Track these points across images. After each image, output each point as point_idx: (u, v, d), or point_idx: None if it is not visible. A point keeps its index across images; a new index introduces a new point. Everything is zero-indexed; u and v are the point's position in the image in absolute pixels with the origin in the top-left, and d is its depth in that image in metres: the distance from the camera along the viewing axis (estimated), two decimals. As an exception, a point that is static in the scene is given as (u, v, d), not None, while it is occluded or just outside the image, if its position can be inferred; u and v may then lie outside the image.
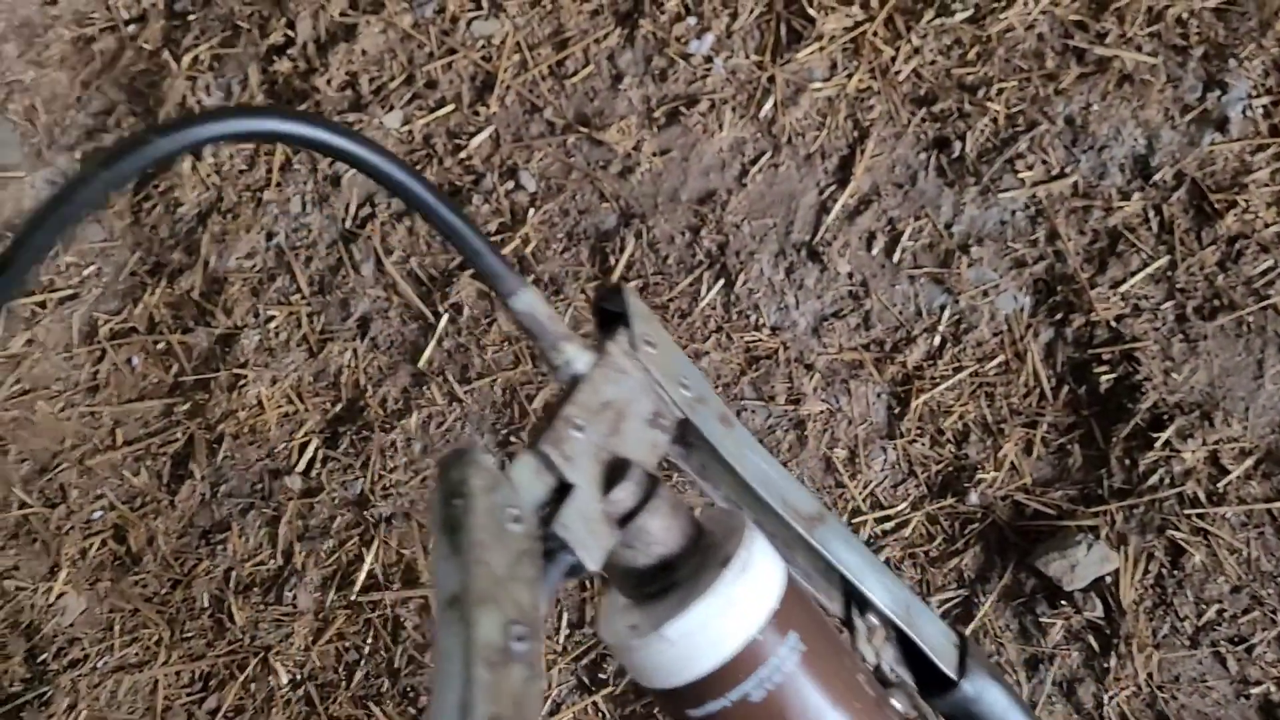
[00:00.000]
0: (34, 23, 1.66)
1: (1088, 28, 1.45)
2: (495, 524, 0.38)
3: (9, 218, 1.58)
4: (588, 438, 0.45)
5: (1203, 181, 1.36)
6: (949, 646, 0.54)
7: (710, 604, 0.43)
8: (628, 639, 0.44)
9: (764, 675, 0.43)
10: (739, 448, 0.51)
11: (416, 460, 1.38)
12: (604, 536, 0.44)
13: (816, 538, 0.51)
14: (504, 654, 0.36)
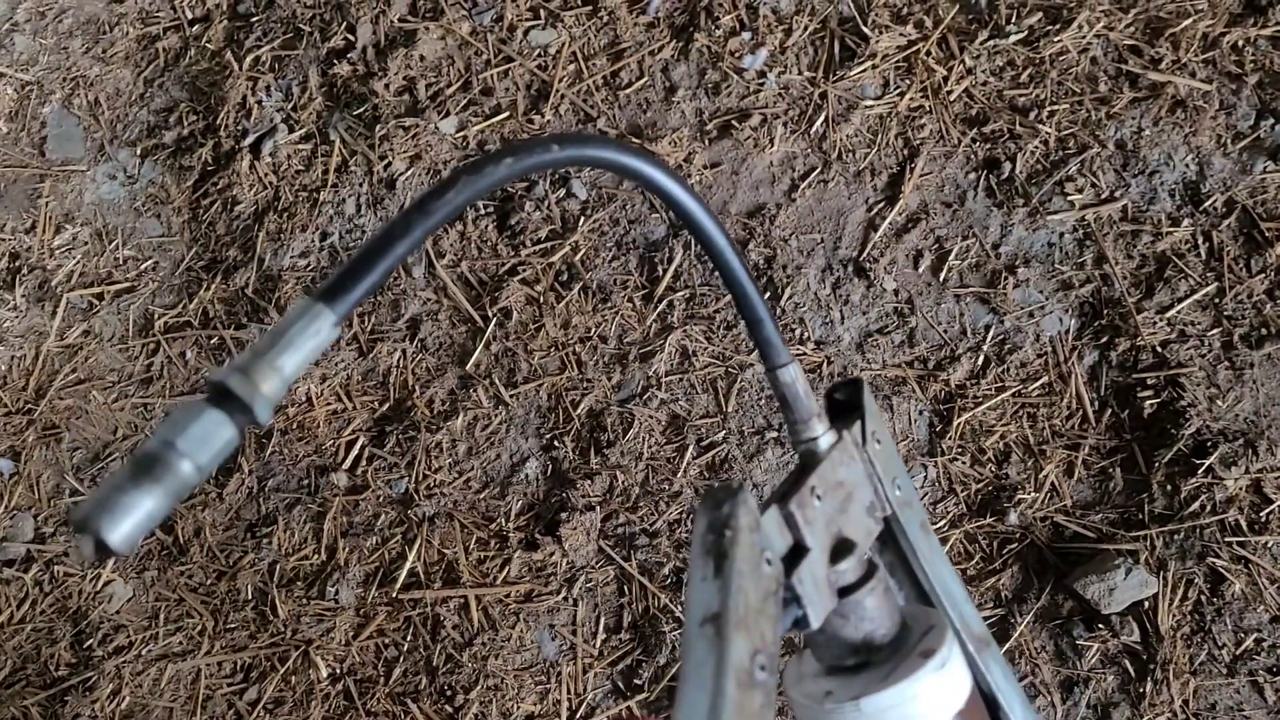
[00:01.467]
0: (100, 20, 1.70)
1: (1142, 52, 1.46)
2: (754, 561, 0.42)
3: (69, 209, 1.62)
4: (824, 509, 0.49)
5: (1253, 209, 1.36)
6: None
7: (909, 688, 0.46)
8: (822, 703, 0.47)
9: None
10: (932, 556, 0.55)
11: (461, 461, 1.40)
12: (827, 600, 0.47)
13: (981, 659, 0.54)
14: (750, 677, 0.38)
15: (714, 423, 1.37)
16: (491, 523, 1.37)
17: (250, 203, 1.57)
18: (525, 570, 1.34)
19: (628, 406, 1.39)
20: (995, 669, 0.55)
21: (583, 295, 1.44)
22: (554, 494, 1.37)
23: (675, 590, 1.31)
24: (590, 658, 1.31)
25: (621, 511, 1.35)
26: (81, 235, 1.60)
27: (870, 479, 0.52)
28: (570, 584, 1.33)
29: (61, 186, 1.63)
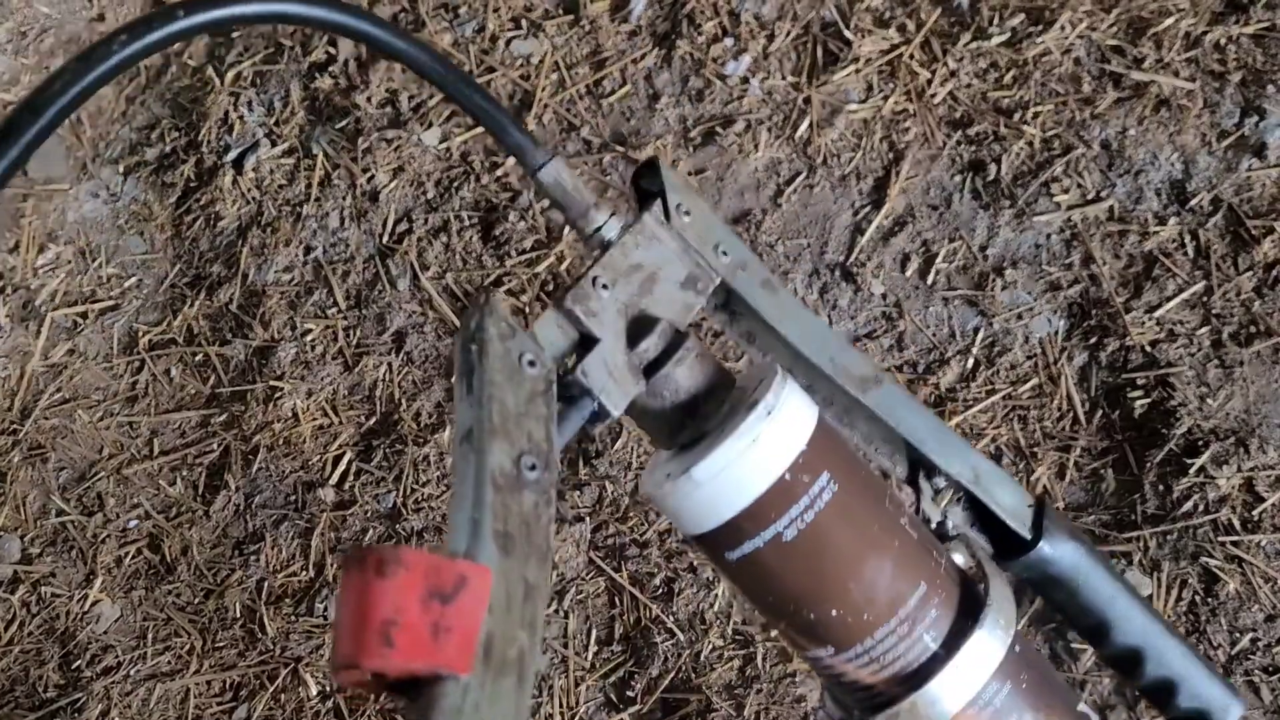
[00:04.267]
0: (82, 38, 1.70)
1: (1125, 52, 1.45)
2: (509, 367, 0.40)
3: (53, 228, 1.61)
4: (615, 296, 0.47)
5: (1239, 207, 1.36)
6: (1023, 509, 0.53)
7: (735, 445, 0.43)
8: (662, 485, 0.45)
9: (795, 514, 0.43)
10: (781, 310, 0.52)
11: (449, 475, 1.39)
12: (629, 385, 0.45)
13: (870, 400, 0.51)
14: (515, 480, 0.38)
15: (703, 431, 1.36)
16: (480, 536, 1.36)
17: (233, 218, 1.56)
18: (515, 583, 1.33)
19: (616, 416, 1.38)
20: (892, 406, 0.52)
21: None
22: (543, 505, 1.36)
23: (667, 601, 1.30)
24: (582, 670, 1.30)
25: (611, 522, 1.34)
26: (65, 254, 1.59)
27: (685, 253, 0.50)
28: (561, 596, 1.32)
29: (44, 206, 1.62)
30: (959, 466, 0.52)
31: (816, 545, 0.44)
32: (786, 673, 1.26)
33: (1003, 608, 0.45)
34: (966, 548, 0.50)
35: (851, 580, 0.44)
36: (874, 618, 0.44)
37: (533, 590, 0.36)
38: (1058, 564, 0.52)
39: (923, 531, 0.47)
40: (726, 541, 0.45)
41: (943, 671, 0.44)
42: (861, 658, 0.45)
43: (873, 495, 0.46)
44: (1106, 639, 0.53)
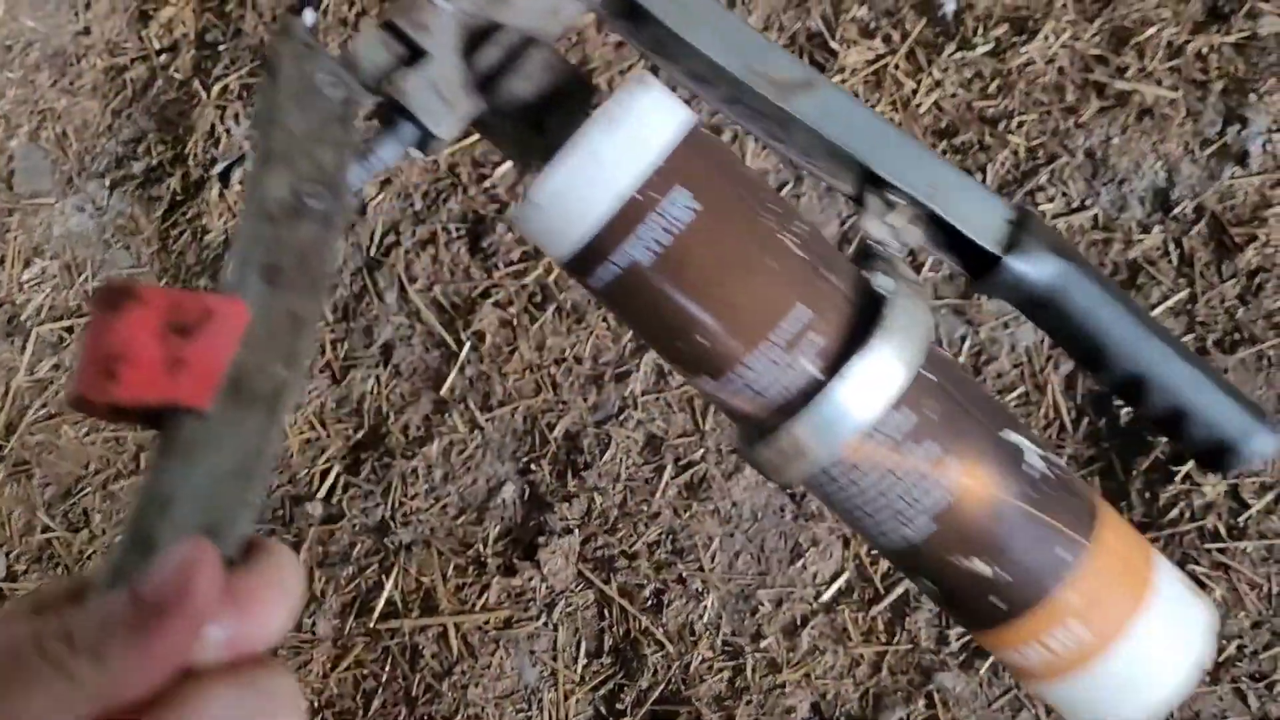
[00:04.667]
0: (67, 52, 1.69)
1: (1108, 62, 1.46)
2: (301, 89, 0.38)
3: (38, 243, 1.60)
4: (456, 6, 0.42)
5: (1223, 215, 1.37)
6: (997, 222, 0.46)
7: (572, 161, 0.39)
8: (513, 210, 0.43)
9: (648, 237, 0.39)
10: (692, 15, 0.46)
11: (437, 487, 1.39)
12: (462, 104, 0.41)
13: (797, 107, 0.45)
14: (293, 210, 0.36)
15: (691, 441, 1.36)
16: (469, 549, 1.36)
17: (220, 231, 1.56)
18: (504, 596, 1.33)
19: (604, 428, 1.38)
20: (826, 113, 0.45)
21: (557, 316, 1.44)
22: (532, 518, 1.36)
23: (656, 613, 1.30)
24: (572, 683, 1.30)
25: (600, 534, 1.34)
26: (50, 269, 1.58)
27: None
28: (550, 609, 1.32)
29: (30, 220, 1.62)
30: (913, 177, 0.45)
31: (676, 269, 0.40)
32: (776, 684, 1.26)
33: (906, 330, 0.39)
34: (893, 269, 0.43)
35: (717, 305, 0.40)
36: (743, 343, 0.40)
37: (299, 323, 0.34)
38: (1034, 282, 0.45)
39: (814, 250, 0.42)
40: (586, 268, 0.41)
41: (824, 399, 0.39)
42: (737, 385, 0.41)
43: (744, 211, 0.41)
44: (1104, 367, 0.46)
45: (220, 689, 0.28)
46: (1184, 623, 0.43)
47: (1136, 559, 0.43)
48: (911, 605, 1.28)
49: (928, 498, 0.40)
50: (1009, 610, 0.42)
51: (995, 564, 0.41)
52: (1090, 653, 0.41)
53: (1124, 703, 0.42)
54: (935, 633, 1.26)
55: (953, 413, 0.41)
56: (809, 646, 1.27)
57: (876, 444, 0.40)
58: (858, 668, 1.26)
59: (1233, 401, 0.46)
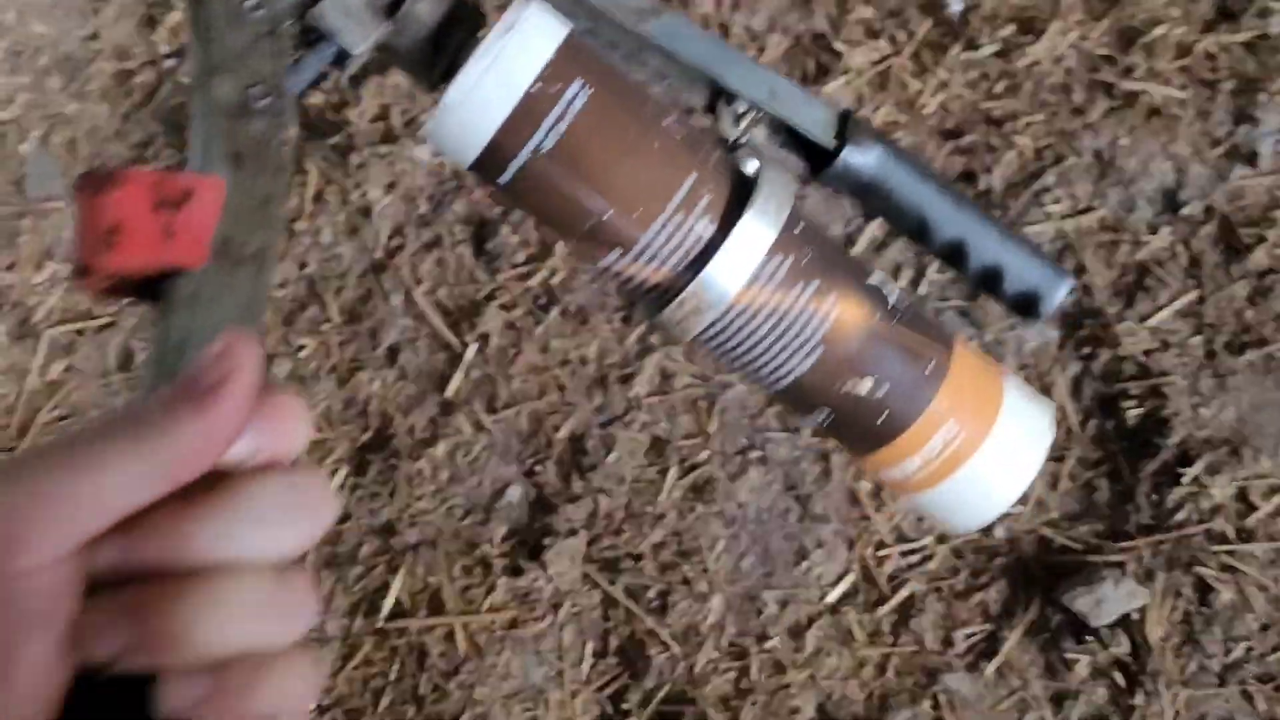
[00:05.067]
0: (76, 57, 1.71)
1: (1116, 62, 1.45)
2: (229, 12, 0.42)
3: (49, 246, 1.62)
4: None
5: (1232, 216, 1.36)
6: (827, 121, 0.53)
7: (477, 66, 0.44)
8: (426, 125, 0.46)
9: (550, 124, 0.44)
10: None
11: (443, 489, 1.40)
12: (369, 25, 0.46)
13: (648, 29, 0.51)
14: (243, 109, 0.40)
15: (696, 443, 1.37)
16: (475, 550, 1.37)
17: (228, 235, 1.57)
18: (510, 597, 1.33)
19: (609, 429, 1.38)
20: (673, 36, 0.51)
21: (562, 319, 1.44)
22: (537, 519, 1.36)
23: (661, 614, 1.30)
24: (577, 684, 1.30)
25: (605, 535, 1.34)
26: (61, 272, 1.59)
27: None
28: (555, 609, 1.32)
29: (41, 223, 1.63)
30: (754, 88, 0.52)
31: (577, 150, 0.44)
32: (782, 685, 1.26)
33: (775, 192, 0.46)
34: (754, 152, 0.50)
35: (618, 180, 0.45)
36: (647, 213, 0.45)
37: (270, 198, 0.39)
38: (865, 169, 0.52)
39: (692, 130, 0.48)
40: (494, 166, 0.45)
41: (719, 253, 0.45)
42: (644, 255, 0.46)
43: (630, 98, 0.46)
44: (929, 237, 0.54)
45: (266, 478, 0.31)
46: (1035, 415, 0.51)
47: (990, 369, 0.51)
48: (917, 607, 1.28)
49: (812, 328, 0.47)
50: (894, 426, 0.49)
51: (877, 381, 0.48)
52: (965, 452, 0.49)
53: (995, 492, 0.50)
54: (941, 634, 1.26)
55: (823, 257, 0.48)
56: (814, 648, 1.27)
57: (763, 286, 0.46)
58: (863, 669, 1.26)
59: (1038, 258, 0.54)
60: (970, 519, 0.51)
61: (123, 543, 0.29)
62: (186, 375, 0.30)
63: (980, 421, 0.49)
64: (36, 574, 0.27)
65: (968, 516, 0.51)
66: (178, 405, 0.30)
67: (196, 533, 0.29)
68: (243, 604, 0.29)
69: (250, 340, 0.31)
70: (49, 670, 0.28)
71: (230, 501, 0.30)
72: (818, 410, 0.49)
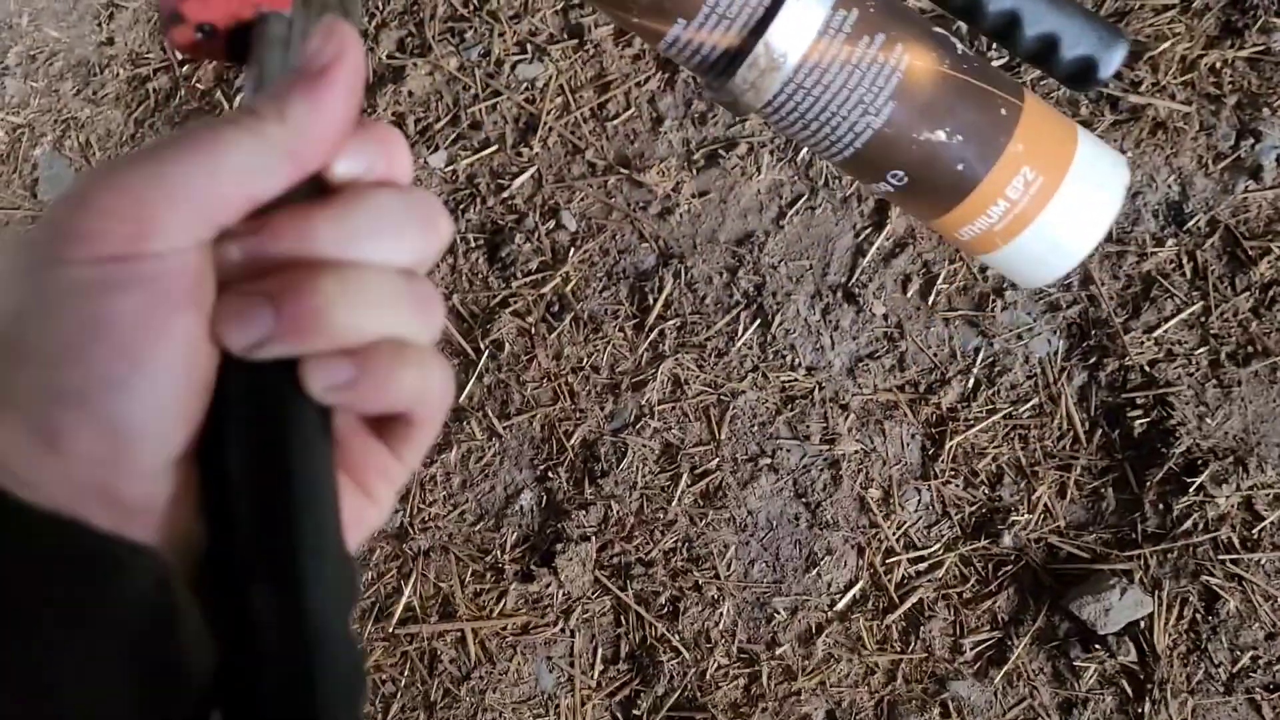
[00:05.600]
0: (91, 62, 1.72)
1: (1121, 76, 1.47)
2: None
3: (62, 251, 1.62)
4: None
5: (1236, 228, 1.38)
6: None
7: None
8: None
9: None
10: None
11: (455, 494, 1.41)
12: None
13: None
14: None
15: (707, 450, 1.38)
16: (487, 555, 1.37)
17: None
18: (521, 602, 1.34)
19: (621, 436, 1.39)
20: None
21: (574, 326, 1.45)
22: (549, 525, 1.37)
23: (672, 619, 1.31)
24: (588, 690, 1.31)
25: (617, 541, 1.35)
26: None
27: None
28: (567, 615, 1.33)
29: (53, 228, 1.63)
30: None
31: None
32: (791, 691, 1.27)
33: None
34: None
35: None
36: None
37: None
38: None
39: None
40: None
41: (784, 7, 0.45)
42: (711, 19, 0.46)
43: None
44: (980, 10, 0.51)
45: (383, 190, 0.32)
46: (1109, 159, 0.50)
47: (1061, 117, 0.50)
48: (926, 614, 1.29)
49: (884, 79, 0.46)
50: (974, 174, 0.48)
51: (952, 130, 0.47)
52: (1045, 195, 0.48)
53: (1077, 235, 0.49)
54: (950, 641, 1.27)
55: (888, 8, 0.47)
56: (824, 654, 1.28)
57: (833, 40, 0.45)
58: (872, 676, 1.27)
59: (1094, 22, 0.52)
60: (1055, 266, 0.51)
61: (252, 240, 0.29)
62: (299, 66, 0.31)
63: (1057, 165, 0.48)
64: (172, 257, 0.28)
65: (1053, 265, 0.50)
66: (292, 91, 0.30)
67: (322, 232, 0.30)
68: (377, 292, 0.30)
69: (351, 27, 0.32)
70: (198, 350, 0.28)
71: (352, 206, 0.31)
72: (892, 172, 0.48)
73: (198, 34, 0.34)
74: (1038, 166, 0.48)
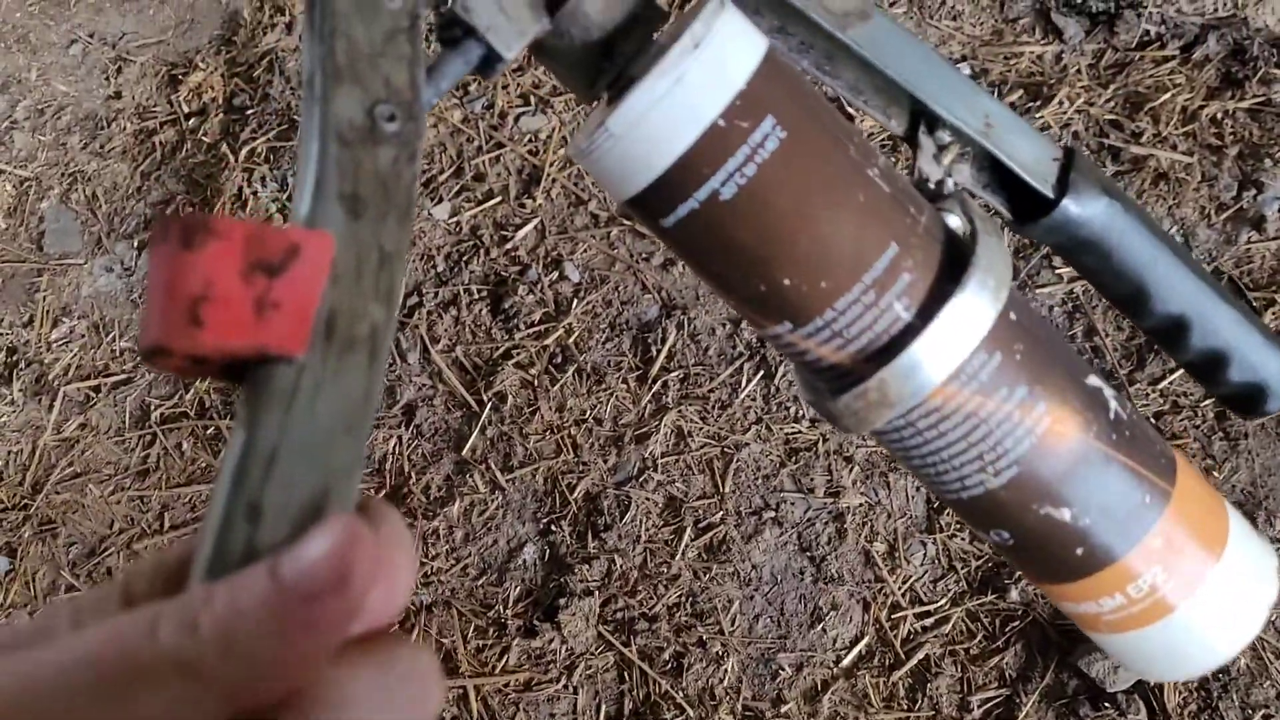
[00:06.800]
0: (98, 115, 1.73)
1: (1123, 127, 1.48)
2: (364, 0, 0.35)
3: (67, 303, 1.63)
4: None
5: (1240, 279, 1.37)
6: (1046, 162, 0.45)
7: (655, 86, 0.36)
8: (581, 143, 0.38)
9: (733, 167, 0.36)
10: None
11: (458, 548, 1.40)
12: (525, 22, 0.38)
13: (852, 37, 0.43)
14: (368, 133, 0.32)
15: (711, 503, 1.37)
16: (489, 610, 1.36)
17: (246, 293, 1.58)
18: (524, 658, 1.33)
19: (624, 489, 1.39)
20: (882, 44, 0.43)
21: (577, 378, 1.45)
22: (552, 579, 1.37)
23: (676, 676, 1.30)
24: (591, 746, 1.29)
25: (620, 596, 1.34)
26: (79, 328, 1.61)
27: None
28: (570, 671, 1.32)
29: (59, 280, 1.64)
30: (966, 114, 0.44)
31: (761, 204, 0.37)
32: (797, 748, 1.26)
33: (993, 269, 0.38)
34: (961, 208, 0.42)
35: (804, 243, 0.37)
36: (833, 286, 0.37)
37: (389, 258, 0.31)
38: (1087, 225, 0.43)
39: (898, 185, 0.39)
40: (659, 205, 0.38)
41: (916, 343, 0.37)
42: (823, 332, 0.38)
43: (831, 142, 0.37)
44: (1145, 308, 0.45)
45: (361, 670, 0.24)
46: (1261, 560, 0.42)
47: (1215, 500, 0.42)
48: (933, 671, 1.27)
49: (1013, 441, 0.38)
50: (1094, 561, 0.40)
51: (1081, 511, 0.39)
52: (1176, 597, 0.40)
53: (1208, 645, 0.42)
54: (957, 699, 1.26)
55: (1037, 354, 0.39)
56: (830, 712, 1.27)
57: (964, 387, 0.38)
58: (879, 733, 1.26)
59: (1273, 344, 0.46)
60: (1173, 669, 0.43)
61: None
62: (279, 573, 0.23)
63: (1197, 564, 0.40)
64: None
65: (1170, 667, 0.43)
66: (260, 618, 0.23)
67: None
68: None
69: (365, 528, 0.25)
70: None
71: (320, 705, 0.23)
72: (998, 530, 0.41)
73: (186, 362, 0.28)
74: (1175, 562, 0.40)
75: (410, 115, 0.33)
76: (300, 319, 0.28)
